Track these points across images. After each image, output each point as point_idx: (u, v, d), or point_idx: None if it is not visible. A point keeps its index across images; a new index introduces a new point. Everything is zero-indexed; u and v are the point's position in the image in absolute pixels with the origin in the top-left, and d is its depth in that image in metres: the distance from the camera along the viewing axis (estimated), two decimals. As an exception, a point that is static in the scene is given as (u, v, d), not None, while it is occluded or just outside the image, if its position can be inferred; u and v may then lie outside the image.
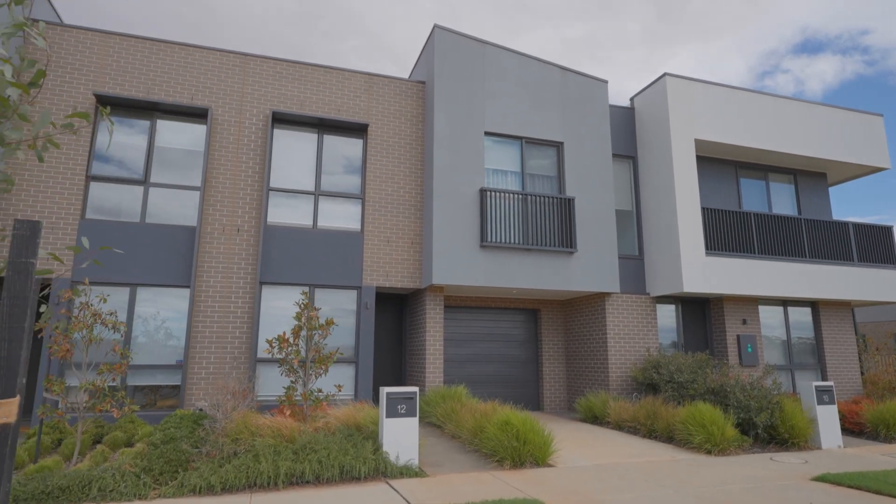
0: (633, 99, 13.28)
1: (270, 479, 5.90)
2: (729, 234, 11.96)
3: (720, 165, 13.31)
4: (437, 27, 11.18)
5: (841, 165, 13.80)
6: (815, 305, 13.33)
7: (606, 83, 12.21)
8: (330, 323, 8.34)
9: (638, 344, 11.65)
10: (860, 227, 13.24)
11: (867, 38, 60.33)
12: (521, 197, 10.91)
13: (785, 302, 13.09)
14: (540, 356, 12.75)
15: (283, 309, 9.78)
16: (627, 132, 12.94)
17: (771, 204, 13.64)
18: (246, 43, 51.87)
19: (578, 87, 11.97)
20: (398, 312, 12.49)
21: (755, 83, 66.69)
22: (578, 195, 11.34)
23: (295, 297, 9.54)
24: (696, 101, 12.27)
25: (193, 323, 9.43)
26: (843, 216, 41.41)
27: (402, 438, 6.80)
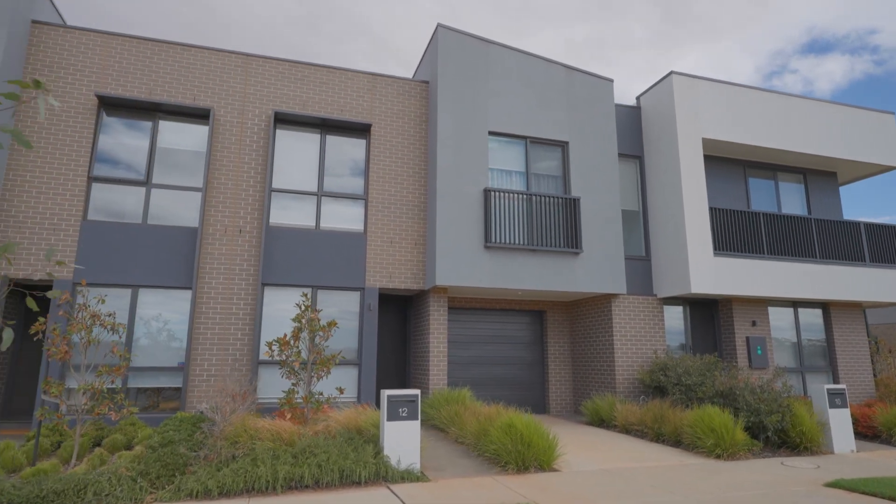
0: (639, 98, 13.11)
1: (269, 483, 5.80)
2: (738, 234, 11.76)
3: (728, 165, 13.12)
4: (440, 26, 11.08)
5: (851, 164, 13.57)
6: (826, 307, 13.09)
7: (612, 82, 12.06)
8: (332, 325, 8.25)
9: (645, 346, 11.47)
10: (872, 226, 13.00)
11: (875, 37, 59.68)
12: (525, 197, 10.77)
13: (795, 303, 12.86)
14: (545, 358, 12.59)
15: (285, 311, 9.68)
16: (633, 131, 12.77)
17: (780, 204, 13.42)
18: (250, 46, 52.01)
19: (584, 85, 11.83)
20: (402, 314, 12.38)
21: (763, 83, 66.14)
22: (584, 195, 11.20)
23: (297, 298, 9.45)
24: (702, 99, 12.10)
25: (195, 325, 9.36)
26: (853, 216, 40.90)
27: (403, 442, 6.69)
